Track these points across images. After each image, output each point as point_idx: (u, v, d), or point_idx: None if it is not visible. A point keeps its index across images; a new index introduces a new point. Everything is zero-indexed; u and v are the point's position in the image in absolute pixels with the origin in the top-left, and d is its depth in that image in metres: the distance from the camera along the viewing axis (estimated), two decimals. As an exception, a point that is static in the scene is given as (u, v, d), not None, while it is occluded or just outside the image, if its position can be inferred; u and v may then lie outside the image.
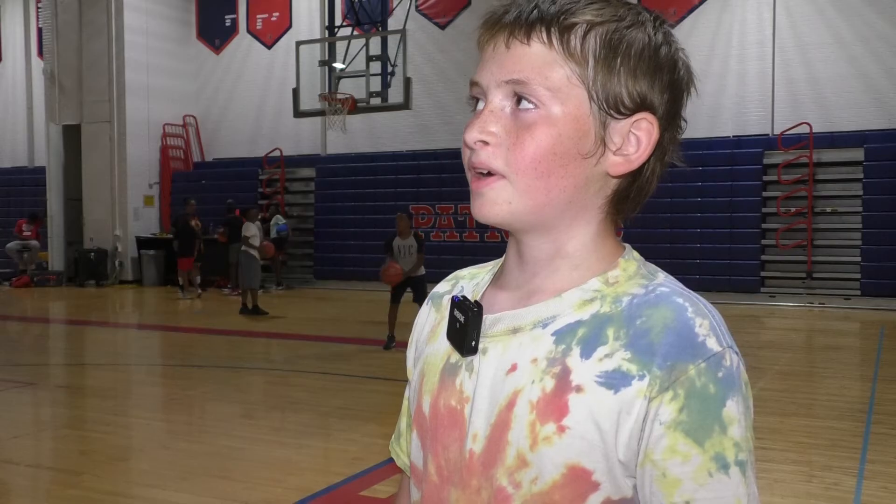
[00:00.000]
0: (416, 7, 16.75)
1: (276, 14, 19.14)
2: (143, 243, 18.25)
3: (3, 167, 22.24)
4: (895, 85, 13.97)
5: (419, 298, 9.07)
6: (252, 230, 12.28)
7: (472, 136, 0.83)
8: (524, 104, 0.81)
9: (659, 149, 0.85)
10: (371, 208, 17.10)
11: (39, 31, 20.94)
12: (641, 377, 0.77)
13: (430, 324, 1.00)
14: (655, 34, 0.83)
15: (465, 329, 0.87)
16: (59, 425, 6.30)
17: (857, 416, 5.97)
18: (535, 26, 0.81)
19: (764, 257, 14.50)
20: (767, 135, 14.65)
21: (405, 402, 1.05)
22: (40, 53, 20.75)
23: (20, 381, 7.56)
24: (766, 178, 14.53)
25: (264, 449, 5.22)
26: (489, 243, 15.71)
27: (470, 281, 0.99)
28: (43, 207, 19.33)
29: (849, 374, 8.09)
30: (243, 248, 12.41)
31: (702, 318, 0.80)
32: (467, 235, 16.30)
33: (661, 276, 0.86)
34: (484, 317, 0.87)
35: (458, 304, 0.90)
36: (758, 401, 6.48)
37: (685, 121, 0.88)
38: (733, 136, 14.93)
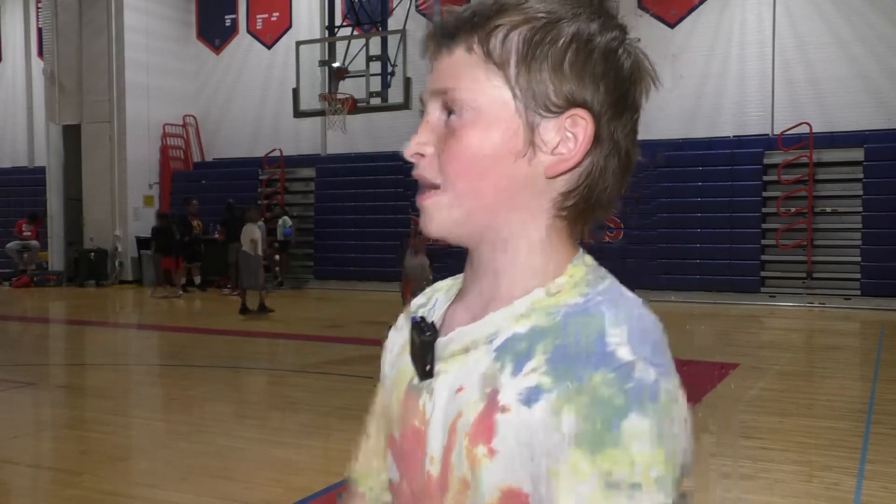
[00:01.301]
0: (416, 7, 16.75)
1: (276, 14, 19.14)
2: (143, 243, 18.23)
3: (3, 167, 22.24)
4: (895, 85, 13.97)
5: None
6: (255, 234, 12.21)
7: (408, 151, 0.83)
8: (452, 112, 0.81)
9: (607, 143, 0.81)
10: (371, 208, 17.10)
11: (39, 31, 20.95)
12: (551, 389, 0.73)
13: (402, 338, 0.96)
14: (589, 25, 0.79)
15: (421, 353, 0.85)
16: (59, 425, 6.30)
17: (857, 416, 5.97)
18: (457, 34, 0.81)
19: (764, 257, 14.49)
20: (767, 135, 14.64)
21: (368, 417, 1.05)
22: (40, 53, 20.75)
23: (20, 381, 7.56)
24: (766, 178, 14.53)
25: (264, 449, 5.22)
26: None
27: (445, 294, 0.95)
28: (43, 207, 19.33)
29: (849, 374, 8.09)
30: (243, 248, 12.38)
31: (618, 326, 0.75)
32: (467, 235, 16.29)
33: (607, 282, 0.82)
34: (439, 339, 0.85)
35: (415, 326, 0.87)
36: (758, 401, 6.50)
37: (638, 110, 0.84)
38: (733, 136, 14.92)
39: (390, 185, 17.06)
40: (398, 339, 0.97)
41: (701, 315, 12.46)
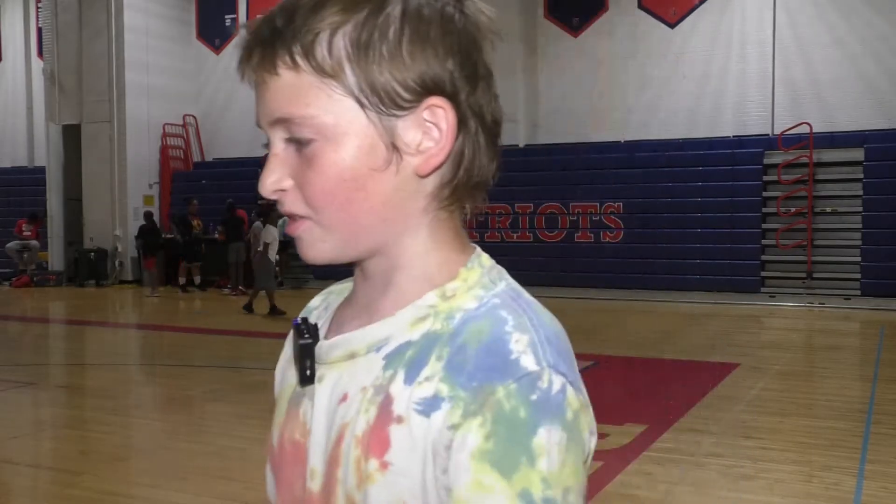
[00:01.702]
0: (416, 7, 16.76)
1: (276, 14, 19.14)
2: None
3: (3, 167, 22.25)
4: (895, 85, 13.97)
5: None
6: (272, 235, 12.19)
7: (264, 189, 0.75)
8: (300, 139, 0.73)
9: (473, 119, 0.74)
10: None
11: (39, 31, 20.95)
12: (450, 399, 0.68)
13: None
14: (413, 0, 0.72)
15: (299, 357, 0.80)
16: (59, 425, 6.30)
17: (857, 416, 5.97)
18: (277, 51, 0.72)
19: (764, 257, 14.50)
20: (767, 135, 14.65)
21: None
22: (40, 53, 20.76)
23: (20, 381, 7.56)
24: (766, 178, 14.53)
25: (264, 449, 5.21)
26: (488, 243, 15.69)
27: (338, 297, 0.89)
28: (43, 207, 19.33)
29: (849, 374, 8.09)
30: (259, 249, 12.34)
31: (521, 332, 0.70)
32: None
33: (503, 284, 0.77)
34: (321, 343, 0.80)
35: (296, 328, 0.82)
36: (758, 401, 6.50)
37: (492, 73, 0.77)
38: (733, 136, 14.93)
39: (390, 185, 17.05)
40: (289, 345, 0.90)
41: (701, 315, 12.46)
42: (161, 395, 7.46)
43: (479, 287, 0.76)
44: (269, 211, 12.74)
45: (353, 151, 0.72)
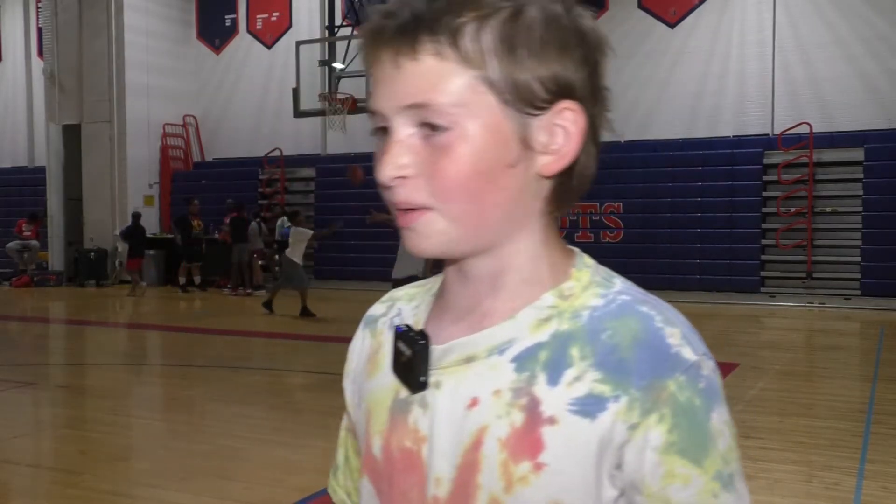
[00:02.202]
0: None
1: (276, 14, 19.14)
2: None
3: (3, 167, 22.25)
4: (895, 85, 13.97)
5: None
6: (304, 235, 12.07)
7: (385, 173, 0.73)
8: (435, 126, 0.72)
9: (589, 130, 0.76)
10: (371, 208, 17.08)
11: (39, 31, 20.96)
12: (617, 398, 0.70)
13: (366, 352, 0.90)
14: (552, 6, 0.73)
15: (413, 363, 0.79)
16: (59, 425, 6.30)
17: (857, 416, 5.97)
18: (420, 36, 0.71)
19: (764, 257, 14.50)
20: (767, 135, 14.65)
21: (341, 434, 0.98)
22: (40, 53, 20.76)
23: (20, 381, 7.55)
24: (766, 178, 14.53)
25: (264, 449, 5.22)
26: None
27: (409, 303, 0.88)
28: (43, 207, 19.33)
29: (849, 374, 8.09)
30: (286, 252, 12.11)
31: (671, 326, 0.73)
32: (467, 235, 16.29)
33: (619, 282, 0.79)
34: (432, 347, 0.79)
35: (402, 335, 0.80)
36: (758, 401, 6.50)
37: (609, 89, 0.79)
38: (733, 136, 14.93)
39: (390, 185, 17.05)
40: (363, 353, 0.91)
41: (701, 315, 12.46)
42: (161, 395, 7.46)
43: (596, 285, 0.78)
44: (298, 213, 12.70)
45: (489, 144, 0.72)
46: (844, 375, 7.90)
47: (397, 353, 0.81)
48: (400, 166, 0.73)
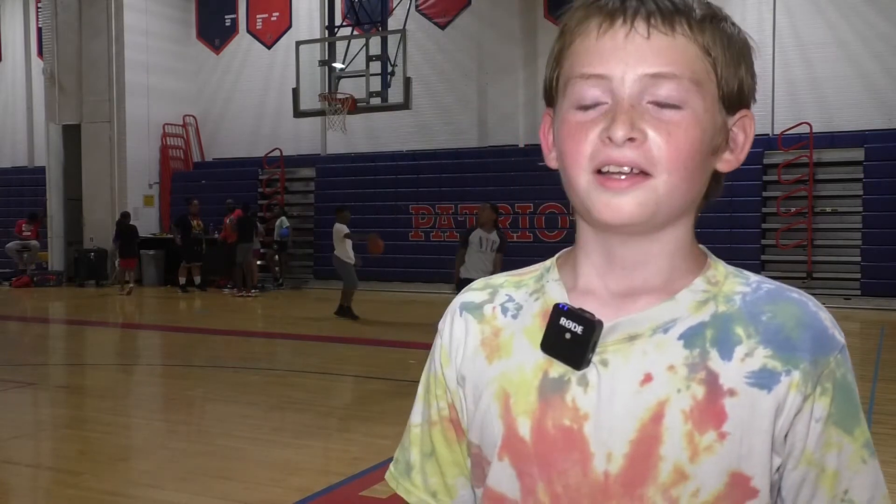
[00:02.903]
0: (416, 7, 16.75)
1: (276, 14, 19.14)
2: (142, 243, 18.26)
3: (3, 167, 22.25)
4: (895, 85, 13.98)
5: None
6: (344, 231, 11.90)
7: (622, 132, 0.76)
8: (671, 100, 0.77)
9: None
10: (371, 208, 17.09)
11: (39, 31, 20.95)
12: (788, 373, 0.78)
13: (474, 337, 0.90)
14: (736, 28, 0.84)
15: (584, 340, 0.80)
16: (59, 425, 6.30)
17: (857, 416, 5.96)
18: (675, 17, 0.78)
19: (764, 257, 14.49)
20: (767, 135, 14.64)
21: (419, 429, 0.95)
22: (40, 53, 20.76)
23: (20, 381, 7.56)
24: (766, 178, 14.53)
25: (264, 449, 5.22)
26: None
27: (517, 290, 0.90)
28: (43, 207, 19.33)
29: (849, 374, 8.08)
30: (335, 252, 11.84)
31: (823, 311, 0.82)
32: (467, 235, 16.28)
33: (749, 273, 0.86)
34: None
35: (569, 312, 0.81)
36: (758, 401, 6.50)
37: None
38: (733, 136, 14.93)
39: (390, 185, 17.07)
40: (469, 338, 0.90)
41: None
42: (161, 395, 7.46)
43: (733, 276, 0.85)
44: (344, 209, 12.48)
45: (710, 128, 0.80)
46: (844, 375, 7.89)
47: (558, 331, 0.82)
48: (638, 129, 0.77)
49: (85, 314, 13.49)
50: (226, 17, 19.81)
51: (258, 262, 16.75)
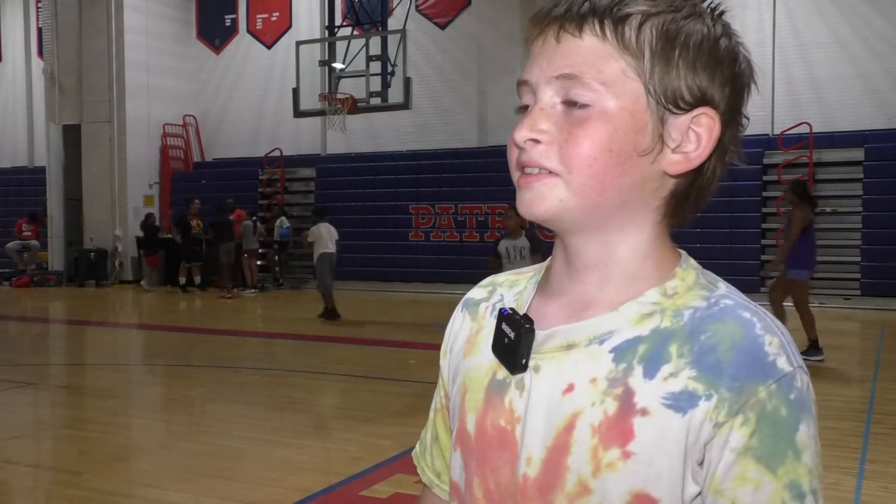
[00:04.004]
0: (416, 7, 16.74)
1: (276, 14, 19.14)
2: (143, 243, 18.26)
3: (3, 167, 22.25)
4: (895, 85, 13.97)
5: None
6: (320, 233, 11.78)
7: (523, 134, 0.78)
8: (577, 100, 0.77)
9: (720, 147, 0.81)
10: (371, 208, 17.10)
11: (39, 31, 20.95)
12: (709, 397, 0.73)
13: (465, 332, 0.93)
14: (714, 25, 0.79)
15: (516, 346, 0.82)
16: (59, 425, 6.30)
17: (857, 416, 5.97)
18: (587, 18, 0.77)
19: (764, 257, 14.49)
20: (767, 135, 14.64)
21: (432, 413, 1.00)
22: (40, 53, 20.76)
23: (20, 381, 7.55)
24: (766, 178, 14.53)
25: (264, 449, 5.22)
26: (489, 243, 15.68)
27: (510, 289, 0.92)
28: (43, 207, 19.33)
29: (849, 374, 8.09)
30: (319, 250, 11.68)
31: (772, 335, 0.75)
32: (467, 235, 16.30)
33: (723, 286, 0.82)
34: (536, 332, 0.82)
35: (508, 317, 0.83)
36: (758, 401, 6.50)
37: (747, 118, 0.85)
38: (733, 136, 14.92)
39: (390, 184, 17.07)
40: (461, 333, 0.94)
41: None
42: (161, 395, 7.46)
43: (700, 287, 0.81)
44: (323, 209, 12.44)
45: (626, 128, 0.77)
46: (844, 375, 7.90)
47: (500, 335, 0.84)
48: (538, 130, 0.78)
49: (85, 314, 13.49)
50: (226, 17, 19.81)
51: (258, 263, 16.74)
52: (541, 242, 8.16)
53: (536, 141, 0.78)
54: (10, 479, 4.86)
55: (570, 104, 0.77)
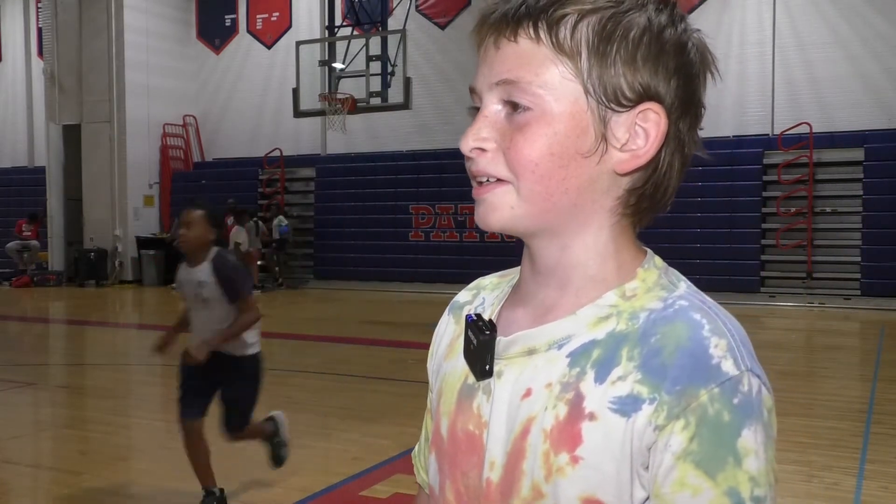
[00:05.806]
0: (416, 7, 16.75)
1: (276, 14, 19.14)
2: (143, 243, 18.27)
3: (3, 167, 22.25)
4: (895, 85, 13.97)
5: None
6: (242, 237, 11.98)
7: (467, 144, 0.78)
8: (519, 103, 0.76)
9: (674, 140, 0.79)
10: (371, 208, 17.11)
11: (39, 31, 20.95)
12: (652, 401, 0.72)
13: (448, 336, 0.94)
14: (658, 16, 0.77)
15: (479, 352, 0.82)
16: (59, 425, 6.30)
17: (857, 416, 5.97)
18: (522, 22, 0.76)
19: (764, 257, 14.49)
20: (767, 135, 14.65)
21: (426, 415, 1.01)
22: (40, 53, 20.76)
23: (20, 381, 7.55)
24: (766, 178, 14.53)
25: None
26: (489, 243, 15.70)
27: (492, 292, 0.92)
28: (43, 207, 19.33)
29: (849, 374, 8.09)
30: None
31: (719, 337, 0.73)
32: (467, 236, 16.30)
33: (683, 286, 0.80)
34: (498, 338, 0.82)
35: (472, 324, 0.84)
36: (758, 401, 6.50)
37: (704, 107, 0.82)
38: (733, 136, 14.92)
39: (390, 184, 17.07)
40: (444, 337, 0.94)
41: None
42: (161, 395, 7.45)
43: (660, 288, 0.79)
44: (242, 212, 12.61)
45: (565, 129, 0.76)
46: (844, 375, 7.90)
47: (467, 341, 0.85)
48: (481, 139, 0.78)
49: (85, 314, 13.48)
50: (226, 17, 19.81)
51: (258, 262, 16.75)
52: None
53: (482, 150, 0.78)
54: (10, 479, 4.86)
55: (511, 110, 0.77)
